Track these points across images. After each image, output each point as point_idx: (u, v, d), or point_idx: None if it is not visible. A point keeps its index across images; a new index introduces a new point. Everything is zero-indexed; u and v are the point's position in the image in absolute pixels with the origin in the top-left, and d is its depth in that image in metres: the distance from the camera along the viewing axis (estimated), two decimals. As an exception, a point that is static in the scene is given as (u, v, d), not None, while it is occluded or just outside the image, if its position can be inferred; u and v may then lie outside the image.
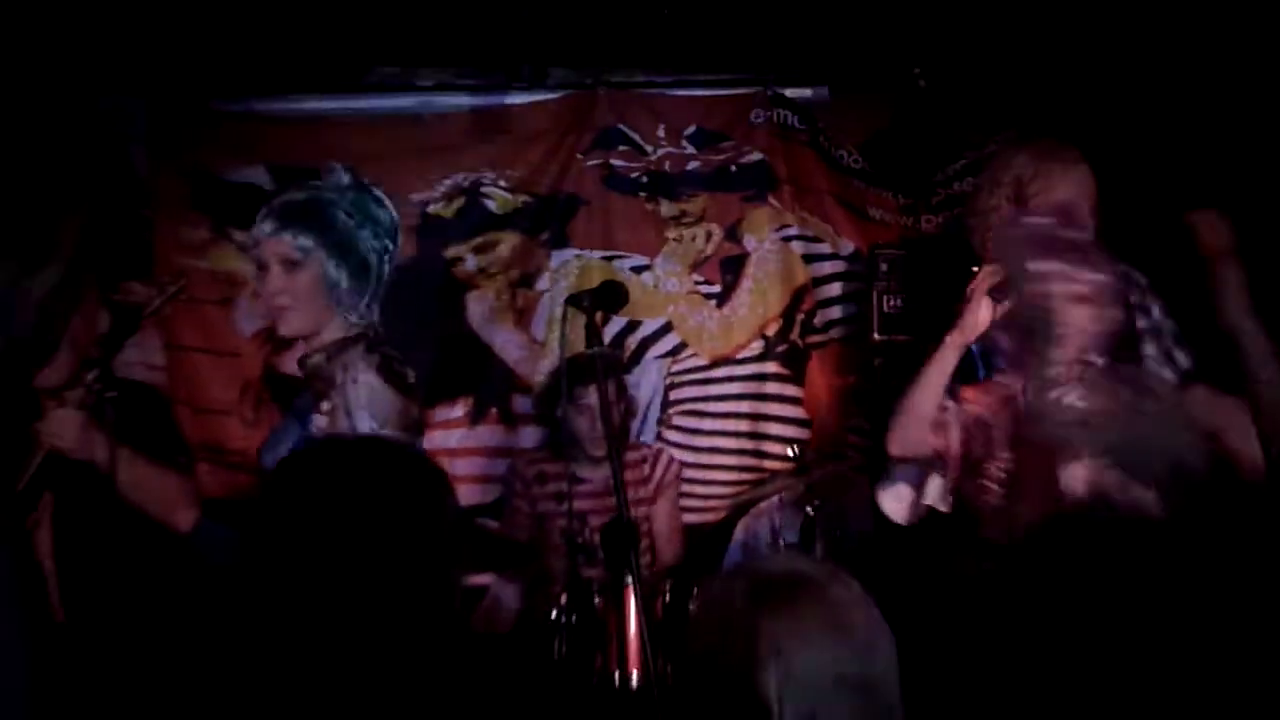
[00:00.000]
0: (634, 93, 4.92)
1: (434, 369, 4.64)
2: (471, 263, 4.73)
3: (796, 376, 4.87)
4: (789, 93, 4.91)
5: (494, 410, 4.68)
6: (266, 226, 3.08)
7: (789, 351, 4.86)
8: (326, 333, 3.07)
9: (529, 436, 4.62)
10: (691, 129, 4.94)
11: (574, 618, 3.57)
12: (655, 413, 4.75)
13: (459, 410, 4.63)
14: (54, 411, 3.00)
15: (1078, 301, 3.28)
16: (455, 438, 4.65)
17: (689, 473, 4.59)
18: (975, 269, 3.76)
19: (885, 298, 4.64)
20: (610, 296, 3.26)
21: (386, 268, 3.20)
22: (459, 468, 4.55)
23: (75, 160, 4.71)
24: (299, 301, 3.07)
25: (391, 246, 3.25)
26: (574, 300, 3.18)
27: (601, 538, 3.62)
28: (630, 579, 3.18)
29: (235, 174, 4.86)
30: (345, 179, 3.26)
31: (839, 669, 1.82)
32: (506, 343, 4.70)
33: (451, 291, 4.72)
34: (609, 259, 4.94)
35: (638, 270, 4.88)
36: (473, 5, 4.51)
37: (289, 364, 4.53)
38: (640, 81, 4.97)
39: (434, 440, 4.45)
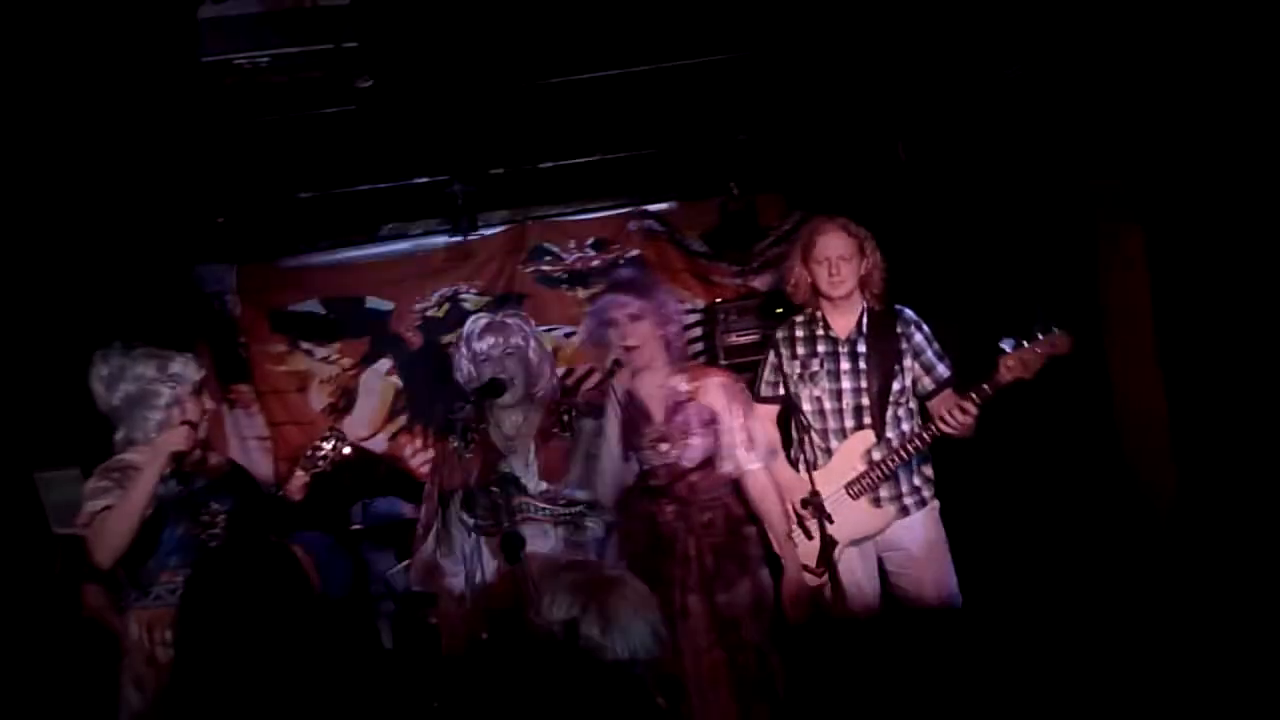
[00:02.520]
0: (551, 221, 6.06)
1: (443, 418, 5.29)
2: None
3: None
4: (650, 208, 6.06)
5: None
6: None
7: None
8: None
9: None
10: (591, 239, 6.07)
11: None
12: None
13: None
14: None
15: (631, 319, 4.13)
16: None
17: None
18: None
19: (725, 335, 5.71)
20: (492, 389, 4.02)
21: None
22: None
23: (188, 310, 5.85)
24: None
25: None
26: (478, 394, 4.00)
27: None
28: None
29: (299, 306, 6.04)
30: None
31: None
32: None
33: (446, 365, 4.83)
34: (549, 330, 5.90)
35: (568, 335, 5.96)
36: (439, 185, 5.54)
37: (346, 431, 6.09)
38: (554, 214, 6.03)
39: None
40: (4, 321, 5.07)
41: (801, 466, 4.15)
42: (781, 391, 4.39)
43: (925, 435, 4.20)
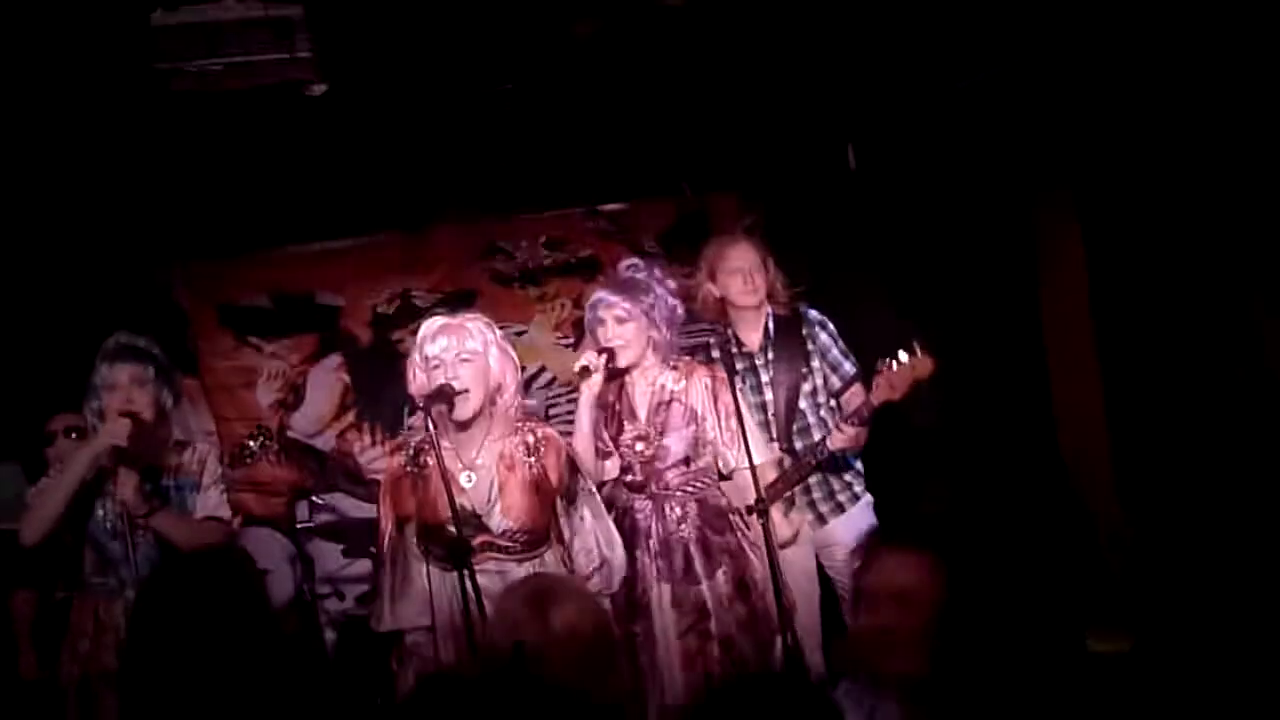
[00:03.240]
0: (506, 220, 5.98)
1: (392, 415, 5.72)
2: (408, 342, 4.88)
3: None
4: (604, 208, 6.00)
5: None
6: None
7: None
8: None
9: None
10: (544, 238, 6.01)
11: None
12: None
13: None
14: (120, 469, 3.69)
15: (618, 321, 4.11)
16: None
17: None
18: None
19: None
20: (441, 396, 3.59)
21: None
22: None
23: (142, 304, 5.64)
24: None
25: None
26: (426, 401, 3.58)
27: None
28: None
29: (247, 301, 5.92)
30: None
31: None
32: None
33: (395, 362, 5.07)
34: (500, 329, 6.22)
35: (519, 334, 5.81)
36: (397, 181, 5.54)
37: (294, 427, 5.92)
38: (509, 212, 5.96)
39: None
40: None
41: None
42: None
43: (823, 447, 4.31)
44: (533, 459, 3.76)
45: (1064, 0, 4.14)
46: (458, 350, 3.69)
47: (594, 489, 3.91)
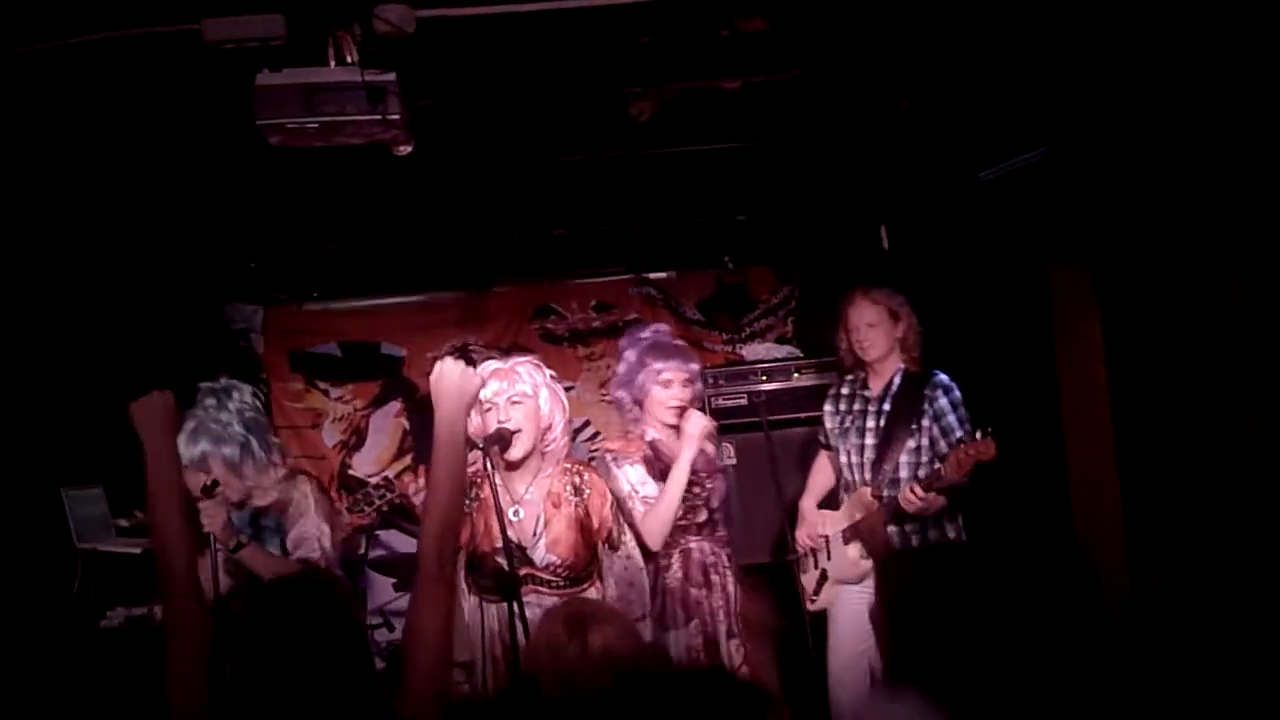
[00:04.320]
0: (558, 283, 6.28)
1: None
2: None
3: None
4: (651, 276, 6.30)
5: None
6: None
7: None
8: None
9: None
10: (593, 302, 6.29)
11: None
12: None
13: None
14: (204, 503, 3.63)
15: (685, 384, 4.26)
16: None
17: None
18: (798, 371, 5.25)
19: (714, 398, 5.68)
20: (498, 439, 3.72)
21: None
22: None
23: (215, 346, 6.07)
24: None
25: None
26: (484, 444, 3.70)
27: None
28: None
29: (317, 348, 6.26)
30: None
31: None
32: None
33: None
34: (551, 384, 6.37)
35: (567, 389, 5.34)
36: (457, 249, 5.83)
37: (355, 467, 6.29)
38: (562, 277, 6.27)
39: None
40: (41, 347, 5.16)
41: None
42: (828, 441, 4.68)
43: (894, 501, 4.35)
44: (577, 499, 3.88)
45: (1081, 94, 4.23)
46: (509, 393, 3.84)
47: (632, 539, 3.98)
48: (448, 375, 2.80)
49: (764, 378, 5.37)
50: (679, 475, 4.06)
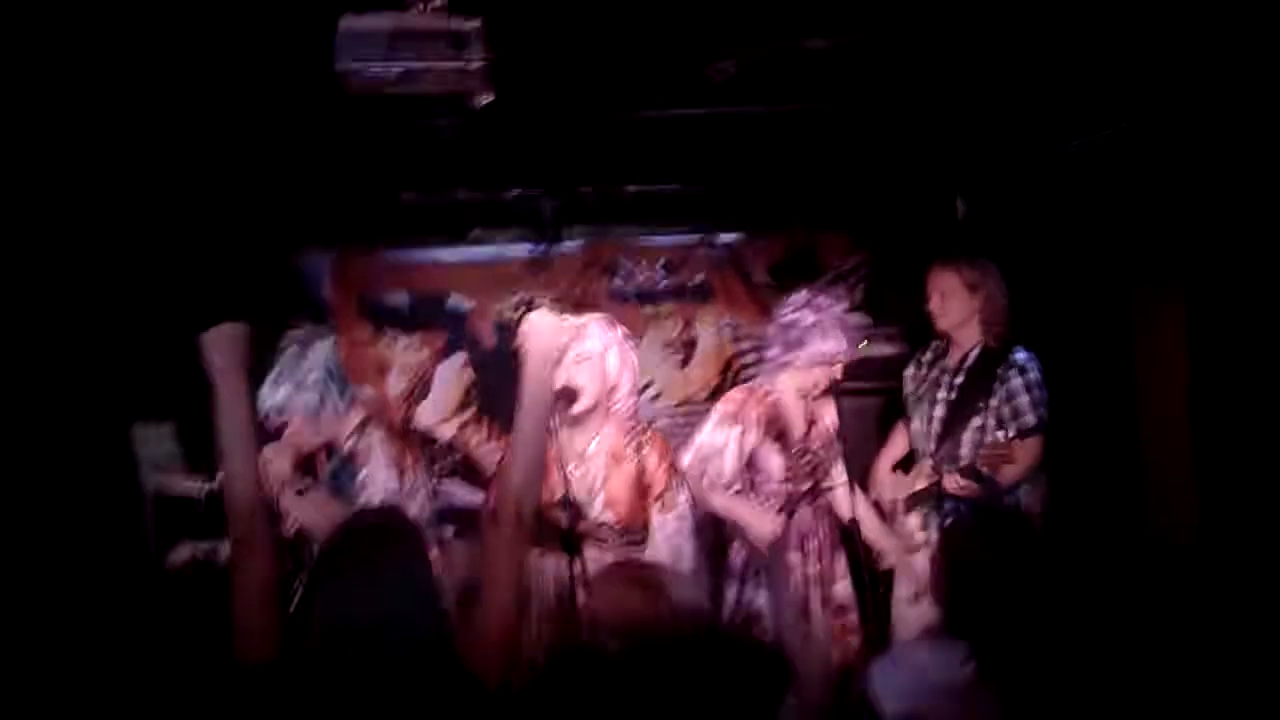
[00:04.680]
0: (628, 241, 6.19)
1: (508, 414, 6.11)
2: None
3: None
4: (720, 238, 6.17)
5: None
6: None
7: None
8: None
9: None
10: (662, 260, 6.20)
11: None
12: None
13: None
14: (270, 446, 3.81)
15: (828, 364, 4.26)
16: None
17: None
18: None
19: None
20: (561, 395, 3.82)
21: None
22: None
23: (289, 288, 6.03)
24: None
25: None
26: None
27: None
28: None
29: (386, 298, 6.19)
30: None
31: None
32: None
33: (515, 365, 4.98)
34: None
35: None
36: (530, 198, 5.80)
37: (418, 418, 6.18)
38: (633, 235, 6.18)
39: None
40: (112, 285, 5.20)
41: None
42: (905, 406, 4.73)
43: (939, 482, 4.37)
44: (638, 457, 3.91)
45: (1183, 73, 4.12)
46: (577, 350, 3.87)
47: (688, 504, 3.98)
48: (537, 329, 2.82)
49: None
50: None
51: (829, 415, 4.34)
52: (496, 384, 6.03)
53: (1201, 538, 4.56)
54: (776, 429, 4.24)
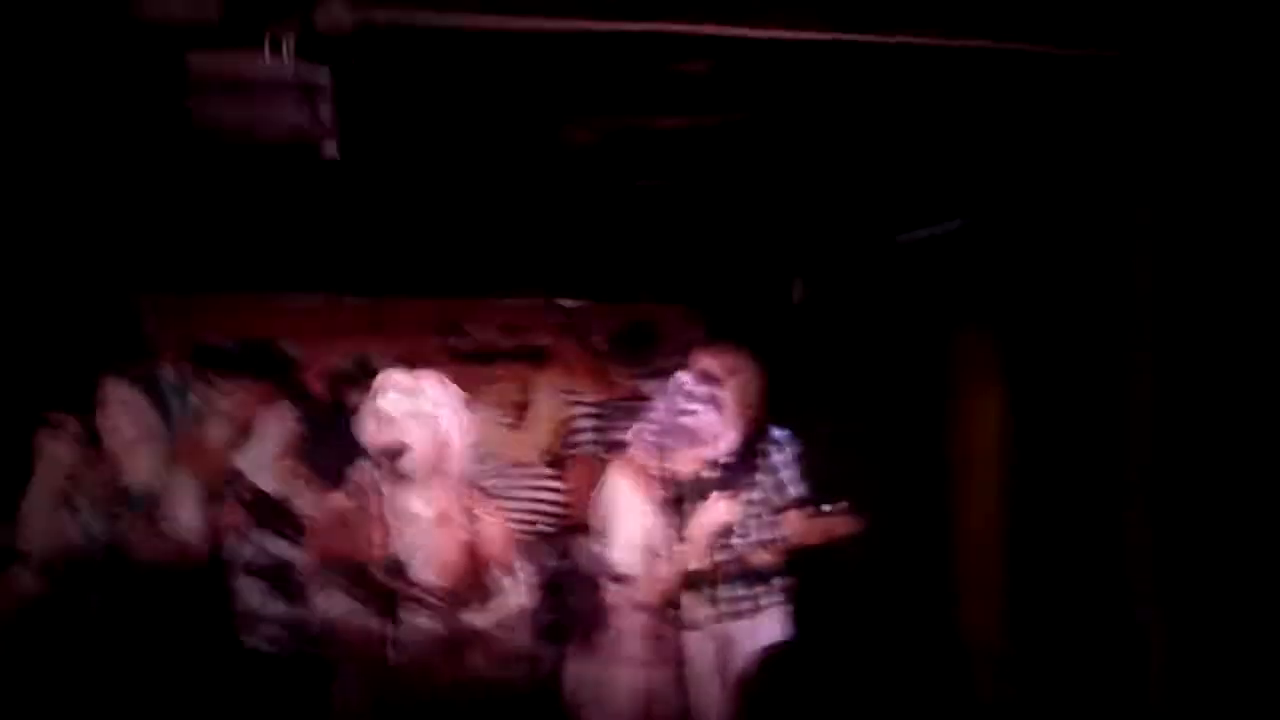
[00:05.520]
0: (469, 300, 6.10)
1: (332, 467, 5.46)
2: (358, 400, 4.58)
3: (560, 475, 5.81)
4: (564, 303, 6.17)
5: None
6: None
7: (556, 459, 5.89)
8: None
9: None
10: (503, 323, 6.08)
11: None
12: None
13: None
14: None
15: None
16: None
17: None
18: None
19: (608, 430, 5.69)
20: (390, 452, 3.79)
21: None
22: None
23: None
24: None
25: None
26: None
27: None
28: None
29: (211, 339, 5.72)
30: None
31: None
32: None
33: (343, 417, 4.75)
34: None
35: None
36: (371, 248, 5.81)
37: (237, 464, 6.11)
38: (473, 294, 6.11)
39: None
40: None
41: None
42: None
43: (740, 559, 4.38)
44: (469, 523, 3.85)
45: (1001, 167, 4.38)
46: (410, 408, 3.81)
47: (521, 581, 3.95)
48: None
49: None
50: (696, 544, 4.21)
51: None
52: (321, 435, 5.85)
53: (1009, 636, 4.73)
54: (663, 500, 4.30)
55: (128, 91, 3.79)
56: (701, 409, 4.25)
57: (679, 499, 4.29)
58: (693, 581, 4.34)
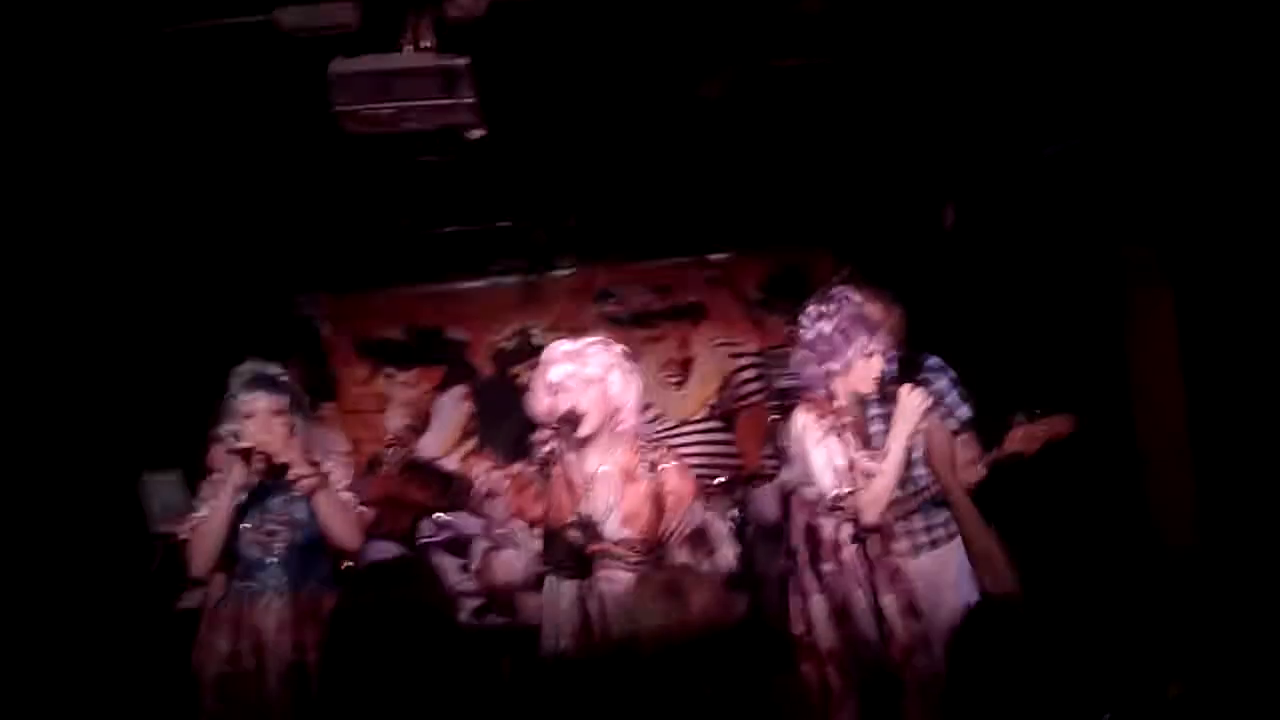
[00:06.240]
0: (618, 266, 6.25)
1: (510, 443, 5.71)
2: (525, 375, 5.63)
3: (730, 427, 6.17)
4: (711, 258, 6.24)
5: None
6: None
7: (724, 413, 6.18)
8: None
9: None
10: (653, 284, 6.27)
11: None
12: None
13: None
14: None
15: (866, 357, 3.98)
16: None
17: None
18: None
19: (775, 378, 5.82)
20: (567, 420, 3.79)
21: None
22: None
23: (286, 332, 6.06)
24: None
25: None
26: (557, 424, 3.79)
27: None
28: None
29: (382, 334, 6.29)
30: None
31: None
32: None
33: (514, 393, 5.69)
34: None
35: None
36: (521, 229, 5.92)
37: (419, 451, 6.26)
38: (621, 259, 6.24)
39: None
40: (119, 333, 5.26)
41: None
42: None
43: (929, 486, 4.19)
44: (653, 475, 3.85)
45: (1145, 74, 4.19)
46: (579, 375, 3.84)
47: (720, 523, 3.99)
48: None
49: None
50: (897, 451, 3.89)
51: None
52: (496, 413, 6.10)
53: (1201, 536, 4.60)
54: (858, 440, 4.07)
55: (278, 102, 3.90)
56: (845, 318, 4.03)
57: (866, 418, 4.13)
58: (902, 502, 4.19)
